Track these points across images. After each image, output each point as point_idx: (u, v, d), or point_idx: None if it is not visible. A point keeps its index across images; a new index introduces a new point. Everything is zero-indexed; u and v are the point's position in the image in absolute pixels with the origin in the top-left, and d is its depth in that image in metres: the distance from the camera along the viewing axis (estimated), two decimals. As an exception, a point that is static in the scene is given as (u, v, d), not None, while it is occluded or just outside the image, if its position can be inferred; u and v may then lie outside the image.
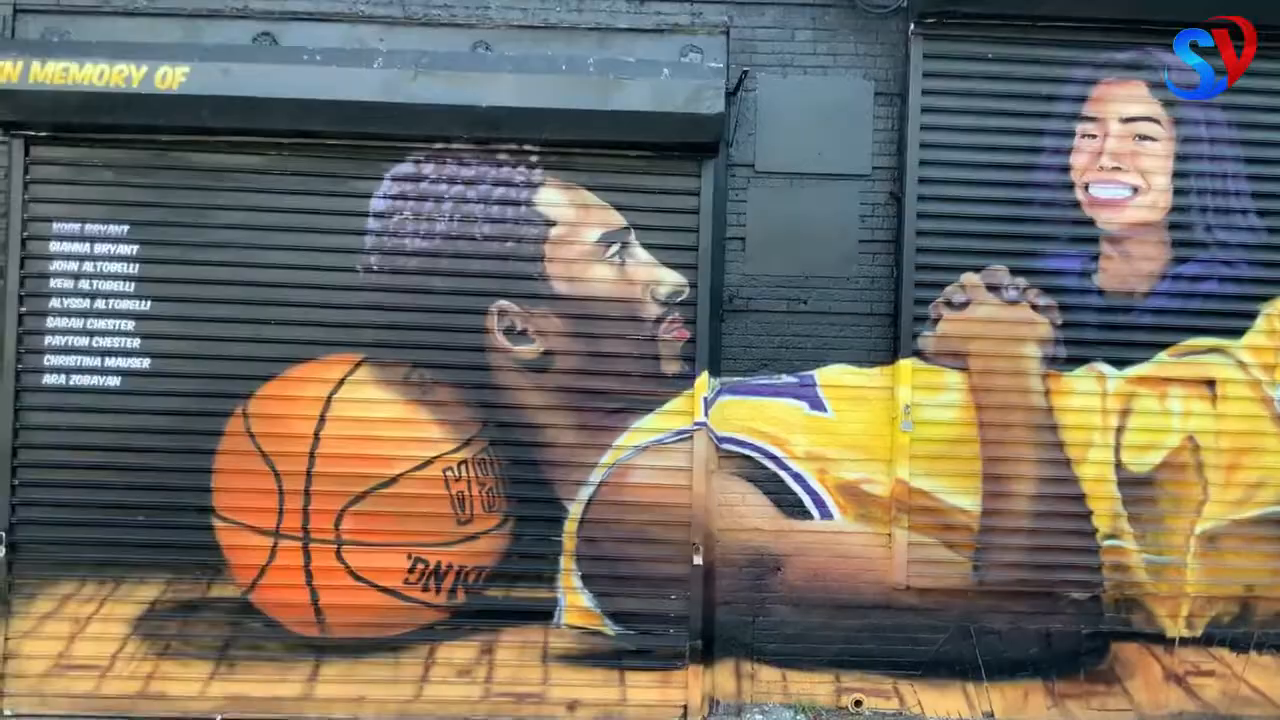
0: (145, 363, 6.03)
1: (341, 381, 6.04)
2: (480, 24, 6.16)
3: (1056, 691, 6.14)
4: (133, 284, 6.05)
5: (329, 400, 6.02)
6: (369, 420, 6.02)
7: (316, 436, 6.00)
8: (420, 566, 6.02)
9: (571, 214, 6.14)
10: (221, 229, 6.07)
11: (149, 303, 6.06)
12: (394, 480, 6.02)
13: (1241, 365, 6.19)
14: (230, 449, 6.01)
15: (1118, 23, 6.09)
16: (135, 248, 6.06)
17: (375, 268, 6.09)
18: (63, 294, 6.04)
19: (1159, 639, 6.18)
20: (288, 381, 6.04)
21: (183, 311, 6.05)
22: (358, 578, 6.02)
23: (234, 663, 5.99)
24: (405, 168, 6.10)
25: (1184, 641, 6.18)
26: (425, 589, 6.03)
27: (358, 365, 6.06)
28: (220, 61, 5.83)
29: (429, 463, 6.02)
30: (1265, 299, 6.21)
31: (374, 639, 6.03)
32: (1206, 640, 6.20)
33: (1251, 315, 6.21)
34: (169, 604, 5.99)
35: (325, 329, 6.05)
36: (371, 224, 6.10)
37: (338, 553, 6.01)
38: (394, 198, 6.10)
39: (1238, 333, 6.20)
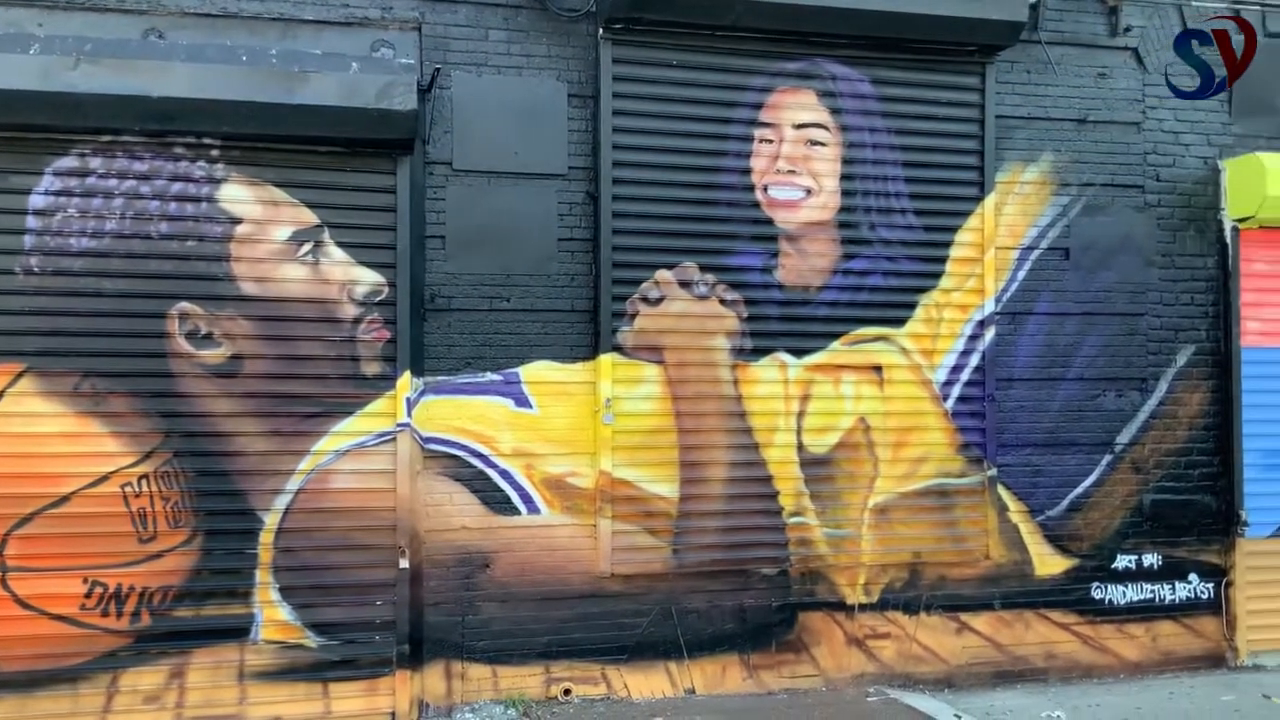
0: None
1: (0, 394, 5.54)
2: (152, 11, 5.81)
3: (751, 663, 6.51)
4: None
5: (-14, 415, 5.52)
6: (34, 435, 5.57)
7: (-28, 455, 5.48)
8: (98, 590, 5.63)
9: (259, 211, 5.90)
10: None
11: None
12: (65, 499, 5.59)
13: (904, 351, 6.78)
14: None
15: (788, 35, 6.49)
16: None
17: (37, 269, 5.62)
18: None
19: (840, 607, 6.67)
20: (-65, 396, 5.49)
21: None
22: (26, 606, 5.56)
23: (-119, 710, 5.40)
24: (68, 162, 5.66)
25: (862, 608, 6.70)
26: (105, 614, 5.63)
27: (19, 376, 5.58)
28: None
29: (105, 479, 5.63)
30: (922, 291, 6.82)
31: (49, 670, 5.58)
32: (882, 605, 6.74)
33: (911, 306, 6.80)
34: None
35: (-21, 336, 5.54)
36: (31, 222, 5.63)
37: (3, 580, 5.53)
38: (57, 194, 5.65)
39: (900, 322, 6.79)
